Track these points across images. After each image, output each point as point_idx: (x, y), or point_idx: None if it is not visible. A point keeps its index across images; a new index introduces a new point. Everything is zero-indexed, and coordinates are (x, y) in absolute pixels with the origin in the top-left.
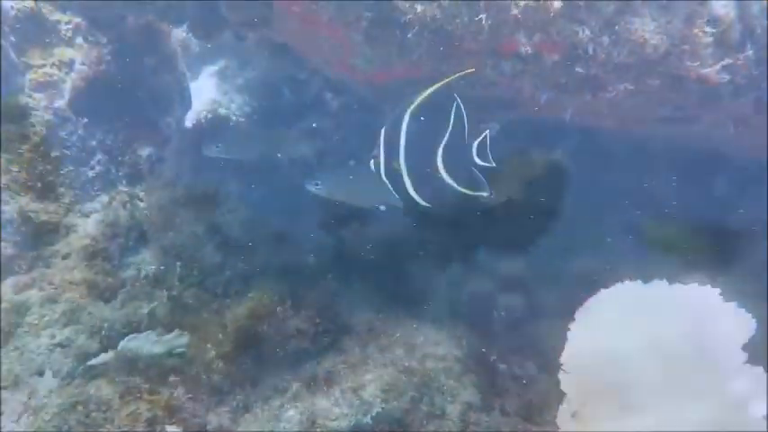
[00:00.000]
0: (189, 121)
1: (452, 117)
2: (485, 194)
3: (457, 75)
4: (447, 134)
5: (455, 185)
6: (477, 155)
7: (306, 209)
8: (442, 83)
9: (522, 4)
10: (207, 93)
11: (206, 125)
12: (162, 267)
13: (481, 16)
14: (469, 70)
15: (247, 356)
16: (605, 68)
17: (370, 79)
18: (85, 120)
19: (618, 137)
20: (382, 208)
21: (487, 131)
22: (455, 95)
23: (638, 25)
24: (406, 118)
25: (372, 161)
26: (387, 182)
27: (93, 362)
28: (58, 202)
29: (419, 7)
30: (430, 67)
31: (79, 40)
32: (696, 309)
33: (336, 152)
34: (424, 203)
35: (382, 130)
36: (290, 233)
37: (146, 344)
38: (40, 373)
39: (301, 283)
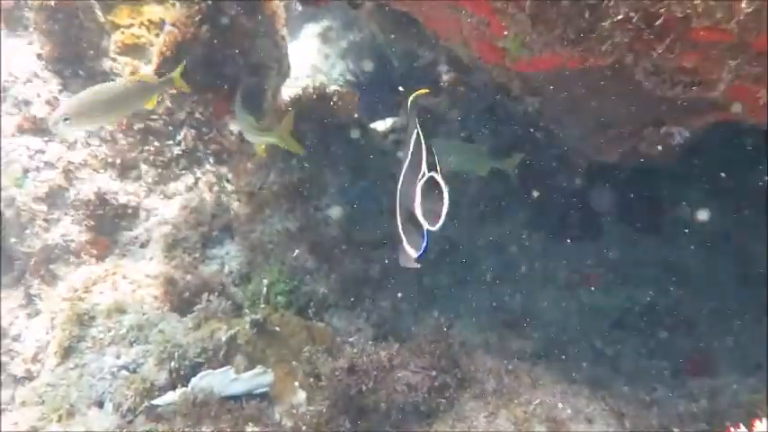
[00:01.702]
0: (286, 92)
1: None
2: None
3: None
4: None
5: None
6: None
7: None
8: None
9: None
10: (306, 57)
11: (303, 101)
12: (248, 265)
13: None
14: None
15: (344, 417)
16: None
17: (518, 66)
18: (173, 89)
19: None
20: None
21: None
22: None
23: None
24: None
25: None
26: None
27: (158, 401)
28: (140, 181)
29: None
30: (614, 59)
31: None
32: None
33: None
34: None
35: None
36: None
37: (221, 382)
38: (100, 404)
39: (406, 311)
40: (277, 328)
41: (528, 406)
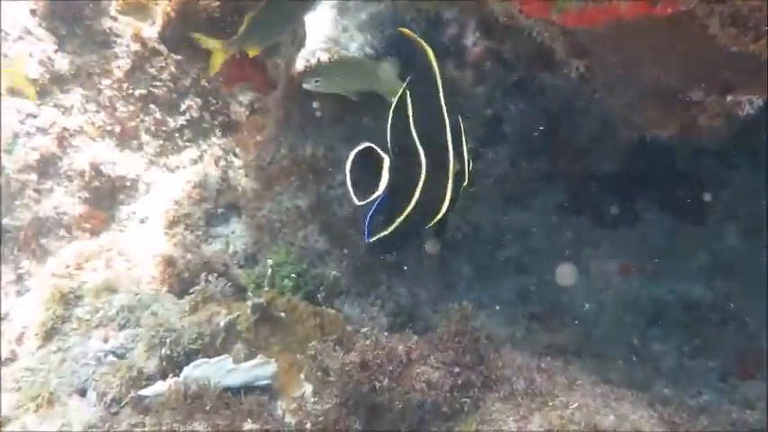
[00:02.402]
0: (301, 63)
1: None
2: None
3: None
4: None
5: None
6: None
7: None
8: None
9: None
10: (323, 29)
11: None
12: (254, 245)
13: None
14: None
15: (356, 415)
16: None
17: (566, 20)
18: (179, 54)
19: None
20: None
21: None
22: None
23: None
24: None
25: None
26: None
27: (146, 392)
28: (141, 152)
29: None
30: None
31: None
32: None
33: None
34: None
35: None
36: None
37: (217, 372)
38: (82, 392)
39: (425, 300)
40: (282, 314)
41: (564, 410)
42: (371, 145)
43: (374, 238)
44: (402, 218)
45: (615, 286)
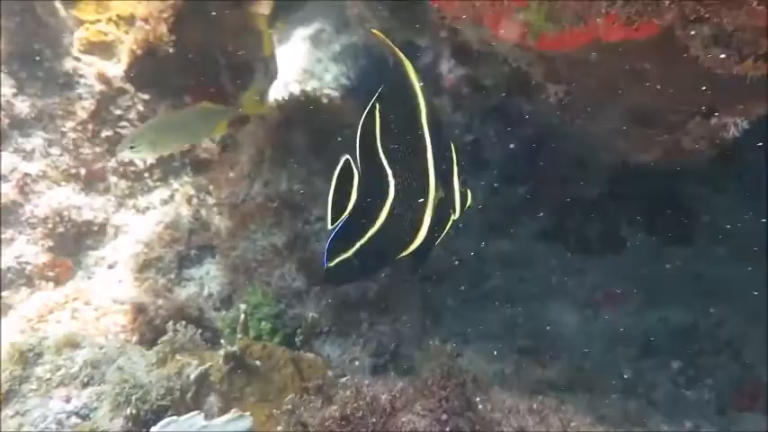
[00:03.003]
0: (274, 96)
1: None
2: None
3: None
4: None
5: None
6: None
7: None
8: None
9: None
10: (297, 61)
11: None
12: (229, 286)
13: None
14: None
15: None
16: None
17: (541, 45)
18: (146, 92)
19: None
20: None
21: None
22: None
23: None
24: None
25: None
26: None
27: None
28: (108, 194)
29: None
30: (668, 24)
31: None
32: None
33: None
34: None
35: None
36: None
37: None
38: None
39: (408, 337)
40: (257, 362)
41: None
42: (350, 159)
43: (332, 263)
44: (360, 243)
45: (603, 315)
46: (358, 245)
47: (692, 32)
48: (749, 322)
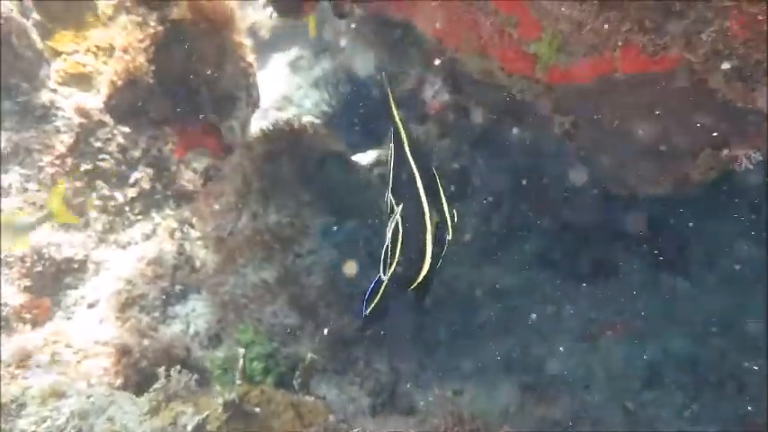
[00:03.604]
0: (256, 125)
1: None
2: None
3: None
4: None
5: None
6: None
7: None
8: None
9: None
10: (276, 87)
11: (277, 135)
12: (217, 324)
13: None
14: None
15: None
16: None
17: (550, 77)
18: (126, 124)
19: None
20: None
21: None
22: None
23: None
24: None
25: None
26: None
27: None
28: (88, 230)
29: None
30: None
31: (122, 18)
32: None
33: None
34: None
35: None
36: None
37: None
38: None
39: (406, 373)
40: (256, 409)
41: None
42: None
43: (368, 311)
44: (386, 279)
45: (603, 347)
46: (383, 284)
47: (720, 65)
48: (751, 353)
